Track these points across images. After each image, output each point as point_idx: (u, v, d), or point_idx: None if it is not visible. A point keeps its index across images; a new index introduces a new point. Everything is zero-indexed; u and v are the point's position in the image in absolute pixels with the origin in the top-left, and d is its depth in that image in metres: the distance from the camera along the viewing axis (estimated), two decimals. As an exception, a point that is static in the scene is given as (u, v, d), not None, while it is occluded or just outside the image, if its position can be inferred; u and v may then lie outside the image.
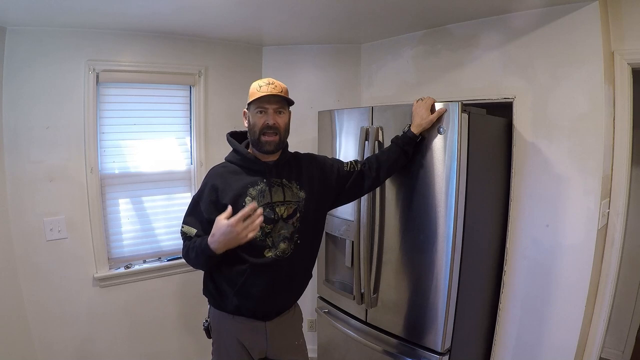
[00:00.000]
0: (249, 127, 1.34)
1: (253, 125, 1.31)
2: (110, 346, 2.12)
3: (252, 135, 1.33)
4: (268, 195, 1.31)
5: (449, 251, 1.46)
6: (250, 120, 1.33)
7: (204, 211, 1.30)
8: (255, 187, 1.31)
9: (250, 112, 1.32)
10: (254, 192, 1.30)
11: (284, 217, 1.32)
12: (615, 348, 2.52)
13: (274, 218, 1.30)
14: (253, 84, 1.32)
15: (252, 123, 1.31)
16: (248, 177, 1.32)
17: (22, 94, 1.83)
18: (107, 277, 2.08)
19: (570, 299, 1.61)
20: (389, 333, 1.69)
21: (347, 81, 2.46)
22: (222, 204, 1.26)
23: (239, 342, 1.36)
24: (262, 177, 1.33)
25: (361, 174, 1.48)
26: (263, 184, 1.32)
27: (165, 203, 2.29)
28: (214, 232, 1.18)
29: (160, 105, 2.23)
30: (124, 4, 1.63)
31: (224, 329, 1.38)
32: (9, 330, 1.82)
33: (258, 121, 1.30)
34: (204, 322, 1.45)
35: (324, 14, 1.83)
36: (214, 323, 1.41)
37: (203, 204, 1.31)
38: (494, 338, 1.83)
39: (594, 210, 1.54)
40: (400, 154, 1.49)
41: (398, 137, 1.51)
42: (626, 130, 1.59)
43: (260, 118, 1.30)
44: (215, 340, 1.42)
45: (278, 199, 1.32)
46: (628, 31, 1.54)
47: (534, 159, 1.68)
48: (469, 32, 1.88)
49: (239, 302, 1.32)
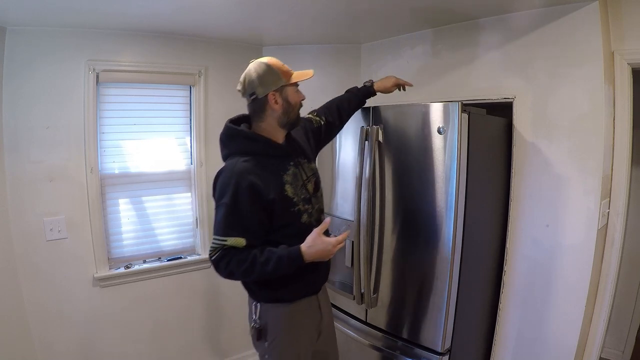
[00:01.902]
0: (288, 106, 1.29)
1: (295, 104, 1.31)
2: (110, 346, 2.12)
3: (291, 114, 1.30)
4: (300, 177, 1.32)
5: (449, 251, 1.46)
6: (289, 99, 1.29)
7: (247, 213, 1.20)
8: (287, 172, 1.29)
9: (289, 90, 1.29)
10: (289, 178, 1.28)
11: (313, 193, 1.36)
12: (615, 348, 2.52)
13: (309, 197, 1.33)
14: (272, 62, 1.26)
15: (294, 102, 1.30)
16: (275, 164, 1.28)
17: (22, 94, 1.83)
18: (107, 277, 2.08)
19: (570, 299, 1.61)
20: (389, 333, 1.69)
21: (347, 81, 2.44)
22: (269, 199, 1.21)
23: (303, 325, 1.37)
24: (289, 160, 1.31)
25: (328, 125, 1.56)
26: (292, 167, 1.31)
27: (166, 203, 2.29)
28: (312, 245, 1.21)
29: (160, 105, 2.23)
30: (124, 4, 1.63)
31: (287, 319, 1.33)
32: (9, 330, 1.82)
33: (298, 98, 1.31)
34: (253, 325, 1.35)
35: (324, 14, 1.83)
36: (273, 320, 1.33)
37: (243, 206, 1.19)
38: (494, 338, 1.83)
39: (594, 210, 1.54)
40: (359, 104, 1.69)
41: (359, 89, 1.69)
42: (626, 130, 1.59)
43: (300, 95, 1.33)
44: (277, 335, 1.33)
45: (304, 177, 1.34)
46: (628, 31, 1.54)
47: (534, 159, 1.68)
48: (469, 32, 1.88)
49: (302, 286, 1.33)
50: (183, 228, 2.36)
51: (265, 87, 1.25)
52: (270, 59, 1.28)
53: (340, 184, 1.91)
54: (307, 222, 1.32)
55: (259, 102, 1.27)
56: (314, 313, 1.40)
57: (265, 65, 1.25)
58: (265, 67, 1.25)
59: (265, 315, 1.33)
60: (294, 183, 1.28)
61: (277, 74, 1.25)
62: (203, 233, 2.35)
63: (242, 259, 1.19)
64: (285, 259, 1.20)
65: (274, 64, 1.26)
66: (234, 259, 1.20)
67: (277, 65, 1.26)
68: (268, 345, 1.33)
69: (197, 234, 2.37)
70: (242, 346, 2.54)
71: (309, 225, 1.31)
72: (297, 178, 1.31)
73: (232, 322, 2.50)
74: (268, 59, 1.27)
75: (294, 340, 1.34)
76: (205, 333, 2.44)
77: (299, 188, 1.30)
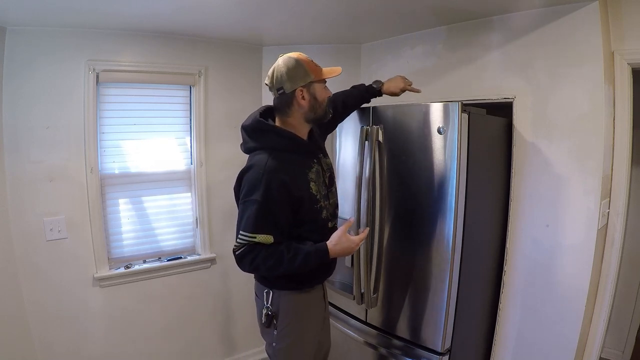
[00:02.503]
0: (315, 102, 1.29)
1: (322, 101, 1.31)
2: (110, 346, 2.12)
3: (319, 110, 1.31)
4: (321, 174, 1.35)
5: (449, 251, 1.46)
6: (316, 95, 1.29)
7: (278, 212, 1.22)
8: (311, 169, 1.31)
9: (317, 87, 1.29)
10: (313, 176, 1.31)
11: (329, 188, 1.39)
12: (615, 348, 2.52)
13: (328, 194, 1.37)
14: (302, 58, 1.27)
15: (321, 98, 1.30)
16: (300, 161, 1.30)
17: (22, 94, 1.83)
18: (107, 277, 2.08)
19: (570, 299, 1.61)
20: (388, 333, 1.69)
21: (347, 81, 2.44)
22: (297, 196, 1.24)
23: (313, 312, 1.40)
24: (312, 157, 1.35)
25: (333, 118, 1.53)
26: (316, 164, 1.34)
27: (166, 203, 2.29)
28: (337, 242, 1.27)
29: (160, 105, 2.23)
30: (124, 4, 1.63)
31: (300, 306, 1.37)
32: (9, 330, 1.82)
33: (326, 94, 1.32)
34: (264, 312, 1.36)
35: (324, 14, 1.83)
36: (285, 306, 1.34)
37: (274, 204, 1.20)
38: (494, 338, 1.84)
39: (594, 210, 1.54)
40: (363, 102, 1.72)
41: (367, 88, 1.71)
42: (626, 130, 1.59)
43: (327, 91, 1.33)
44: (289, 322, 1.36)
45: (323, 174, 1.37)
46: (628, 31, 1.54)
47: (534, 159, 1.68)
48: (469, 32, 1.88)
49: (313, 274, 1.35)
50: (183, 228, 2.36)
51: (293, 82, 1.25)
52: (300, 55, 1.28)
53: (340, 184, 1.91)
54: (325, 218, 1.36)
55: (286, 97, 1.27)
56: (320, 301, 1.45)
57: (294, 61, 1.25)
58: (295, 62, 1.25)
59: (277, 302, 1.35)
60: (317, 180, 1.32)
61: (306, 70, 1.25)
62: (203, 233, 2.35)
63: (268, 255, 1.21)
64: (312, 256, 1.25)
65: (303, 59, 1.27)
66: (261, 255, 1.21)
67: (306, 61, 1.27)
68: (278, 333, 1.36)
69: (197, 234, 2.37)
70: (243, 346, 2.54)
71: (327, 221, 1.37)
72: (319, 175, 1.34)
73: (232, 322, 2.50)
74: (298, 54, 1.28)
75: (303, 328, 1.38)
76: (206, 333, 2.44)
77: (321, 185, 1.34)
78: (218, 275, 2.41)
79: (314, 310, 1.42)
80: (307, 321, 1.40)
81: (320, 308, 1.46)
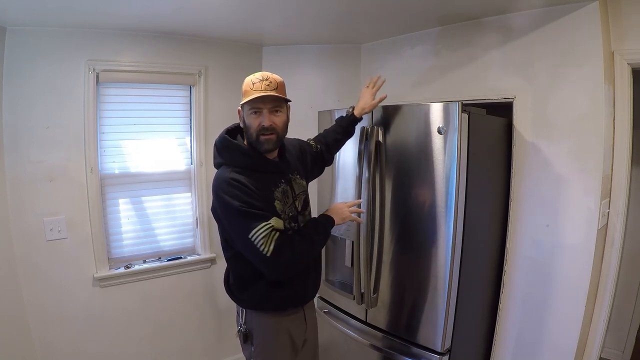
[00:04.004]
0: (245, 127, 1.27)
1: (249, 127, 1.24)
2: (110, 346, 2.12)
3: (248, 136, 1.26)
4: (290, 194, 1.31)
5: (449, 251, 1.46)
6: (245, 120, 1.25)
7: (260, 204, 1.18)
8: (278, 188, 1.28)
9: (245, 111, 1.24)
10: (279, 195, 1.27)
11: (300, 211, 1.35)
12: (615, 348, 2.52)
13: (297, 215, 1.33)
14: (246, 79, 1.25)
15: (248, 124, 1.24)
16: (266, 179, 1.26)
17: (22, 94, 1.83)
18: (107, 277, 2.08)
19: (570, 299, 1.61)
20: (388, 333, 1.69)
21: (347, 81, 2.46)
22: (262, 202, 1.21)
23: (286, 332, 1.35)
24: (280, 177, 1.31)
25: (322, 154, 1.57)
26: (283, 184, 1.30)
27: (165, 203, 2.29)
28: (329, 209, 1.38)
29: (160, 105, 2.23)
30: (124, 4, 1.63)
31: (270, 327, 1.34)
32: (9, 330, 1.82)
33: (253, 122, 1.23)
34: (239, 329, 1.38)
35: (324, 14, 1.83)
36: (256, 325, 1.34)
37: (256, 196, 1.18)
38: (494, 338, 1.83)
39: (594, 210, 1.54)
40: (344, 135, 1.64)
41: (342, 119, 1.64)
42: (626, 130, 1.59)
43: (255, 119, 1.23)
44: (261, 340, 1.35)
45: (294, 195, 1.34)
46: (628, 31, 1.54)
47: (534, 159, 1.68)
48: (469, 32, 1.88)
49: (284, 297, 1.31)
50: (183, 228, 2.36)
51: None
52: (253, 75, 1.25)
53: (340, 184, 1.91)
54: None
55: None
56: (299, 323, 1.40)
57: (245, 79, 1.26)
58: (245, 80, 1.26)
59: (250, 321, 1.35)
60: (283, 200, 1.28)
61: (244, 90, 1.24)
62: (203, 233, 2.35)
63: (300, 240, 1.22)
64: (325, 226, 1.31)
65: (247, 79, 1.25)
66: (292, 241, 1.20)
67: (246, 82, 1.24)
68: (254, 350, 1.36)
69: (197, 234, 2.37)
70: (242, 346, 2.54)
71: None
72: (287, 195, 1.30)
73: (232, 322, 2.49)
74: (254, 74, 1.26)
75: (278, 348, 1.35)
76: (206, 332, 2.44)
77: (287, 205, 1.29)
78: (218, 275, 2.41)
79: (291, 332, 1.36)
80: (282, 343, 1.35)
81: (298, 330, 1.39)
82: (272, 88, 1.22)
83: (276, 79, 1.25)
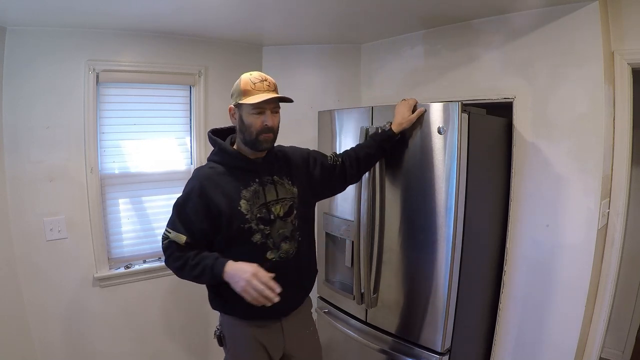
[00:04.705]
0: (243, 126, 1.26)
1: (249, 126, 1.24)
2: (110, 346, 2.12)
3: (246, 135, 1.26)
4: (262, 196, 1.28)
5: (449, 251, 1.46)
6: (244, 119, 1.25)
7: (192, 217, 1.23)
8: (248, 188, 1.27)
9: (245, 111, 1.24)
10: (248, 194, 1.26)
11: (280, 216, 1.30)
12: (615, 348, 2.52)
13: (270, 218, 1.28)
14: (243, 78, 1.25)
15: (248, 123, 1.24)
16: (238, 178, 1.27)
17: (22, 94, 1.83)
18: (107, 277, 2.08)
19: (570, 299, 1.61)
20: (388, 333, 1.69)
21: (347, 81, 2.46)
22: (217, 210, 1.22)
23: (258, 342, 1.32)
24: (254, 177, 1.29)
25: (343, 168, 1.49)
26: (256, 184, 1.28)
27: (165, 203, 2.29)
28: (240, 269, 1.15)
29: (160, 105, 2.22)
30: (124, 4, 1.63)
31: (240, 334, 1.33)
32: (9, 330, 1.82)
33: (255, 122, 1.24)
34: (215, 331, 1.39)
35: (324, 14, 1.83)
36: (227, 330, 1.35)
37: (190, 209, 1.23)
38: (494, 338, 1.84)
39: (594, 210, 1.54)
40: (378, 150, 1.53)
41: (377, 134, 1.54)
42: (626, 130, 1.59)
43: (258, 119, 1.24)
44: (231, 347, 1.36)
45: (272, 197, 1.30)
46: (628, 31, 1.54)
47: (534, 159, 1.68)
48: (469, 32, 1.88)
49: (249, 307, 1.19)
50: (183, 228, 2.36)
51: (232, 98, 1.29)
52: (251, 75, 1.26)
53: (340, 184, 1.91)
54: (260, 244, 1.27)
55: None
56: (274, 336, 1.35)
57: (239, 79, 1.27)
58: (239, 80, 1.27)
59: (222, 326, 1.37)
60: (251, 200, 1.26)
61: (239, 90, 1.25)
62: (203, 233, 2.35)
63: (178, 256, 1.24)
64: (207, 268, 1.20)
65: (244, 79, 1.25)
66: (173, 254, 1.25)
67: (245, 81, 1.24)
68: (227, 353, 1.39)
69: (197, 234, 2.37)
70: (242, 346, 2.54)
71: (263, 248, 1.27)
72: (258, 196, 1.28)
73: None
74: (249, 74, 1.27)
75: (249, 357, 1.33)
76: (206, 332, 2.44)
77: (256, 206, 1.27)
78: None
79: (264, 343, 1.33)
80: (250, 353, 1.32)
81: (273, 343, 1.35)
82: (272, 89, 1.26)
83: (272, 79, 1.29)
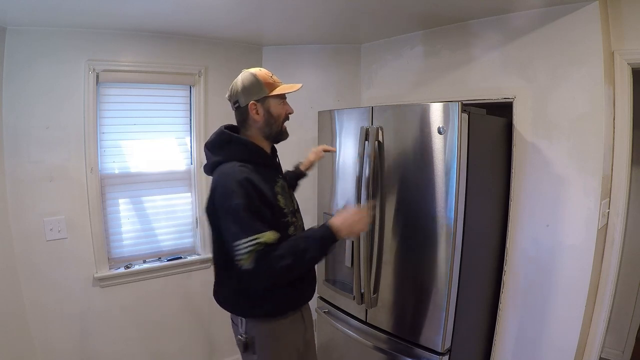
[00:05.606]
0: (271, 119, 1.27)
1: (278, 117, 1.28)
2: (110, 346, 2.12)
3: (274, 127, 1.29)
4: (287, 191, 1.34)
5: (449, 251, 1.46)
6: (272, 111, 1.27)
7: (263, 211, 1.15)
8: (277, 183, 1.29)
9: (272, 102, 1.27)
10: (279, 189, 1.28)
11: (296, 208, 1.38)
12: (615, 348, 2.52)
13: (296, 209, 1.36)
14: (256, 73, 1.26)
15: (277, 114, 1.28)
16: (267, 174, 1.26)
17: (22, 94, 1.83)
18: (107, 277, 2.08)
19: (570, 299, 1.61)
20: (389, 333, 1.69)
21: (347, 81, 2.46)
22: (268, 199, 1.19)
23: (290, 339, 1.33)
24: (277, 173, 1.33)
25: None
26: (281, 179, 1.32)
27: (165, 203, 2.29)
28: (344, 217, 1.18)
29: (160, 105, 2.23)
30: (124, 4, 1.63)
31: (282, 334, 1.32)
32: (9, 330, 1.82)
33: (282, 111, 1.29)
34: (240, 338, 1.32)
35: (324, 14, 1.83)
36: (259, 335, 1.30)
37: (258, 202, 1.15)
38: (494, 338, 1.84)
39: (594, 210, 1.54)
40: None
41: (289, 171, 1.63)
42: (626, 130, 1.59)
43: (284, 107, 1.30)
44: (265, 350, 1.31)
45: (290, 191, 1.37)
46: (628, 31, 1.54)
47: (534, 159, 1.68)
48: (469, 32, 1.88)
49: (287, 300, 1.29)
50: (183, 228, 2.36)
51: (247, 96, 1.25)
52: (260, 70, 1.28)
53: (340, 183, 1.91)
54: (293, 235, 1.28)
55: (241, 110, 1.28)
56: (299, 325, 1.38)
57: (251, 75, 1.26)
58: (251, 76, 1.26)
59: (251, 330, 1.31)
60: (284, 194, 1.29)
61: (261, 85, 1.25)
62: (203, 233, 2.35)
63: (280, 255, 1.10)
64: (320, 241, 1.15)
65: (260, 74, 1.26)
66: (273, 256, 1.10)
67: (262, 76, 1.26)
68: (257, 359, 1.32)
69: (197, 234, 2.37)
70: (242, 346, 2.54)
71: None
72: (285, 190, 1.32)
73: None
74: (257, 70, 1.28)
75: (281, 353, 1.33)
76: (206, 332, 2.44)
77: (288, 199, 1.31)
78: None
79: (291, 337, 1.35)
80: (283, 349, 1.33)
81: (298, 332, 1.37)
82: None
83: None
